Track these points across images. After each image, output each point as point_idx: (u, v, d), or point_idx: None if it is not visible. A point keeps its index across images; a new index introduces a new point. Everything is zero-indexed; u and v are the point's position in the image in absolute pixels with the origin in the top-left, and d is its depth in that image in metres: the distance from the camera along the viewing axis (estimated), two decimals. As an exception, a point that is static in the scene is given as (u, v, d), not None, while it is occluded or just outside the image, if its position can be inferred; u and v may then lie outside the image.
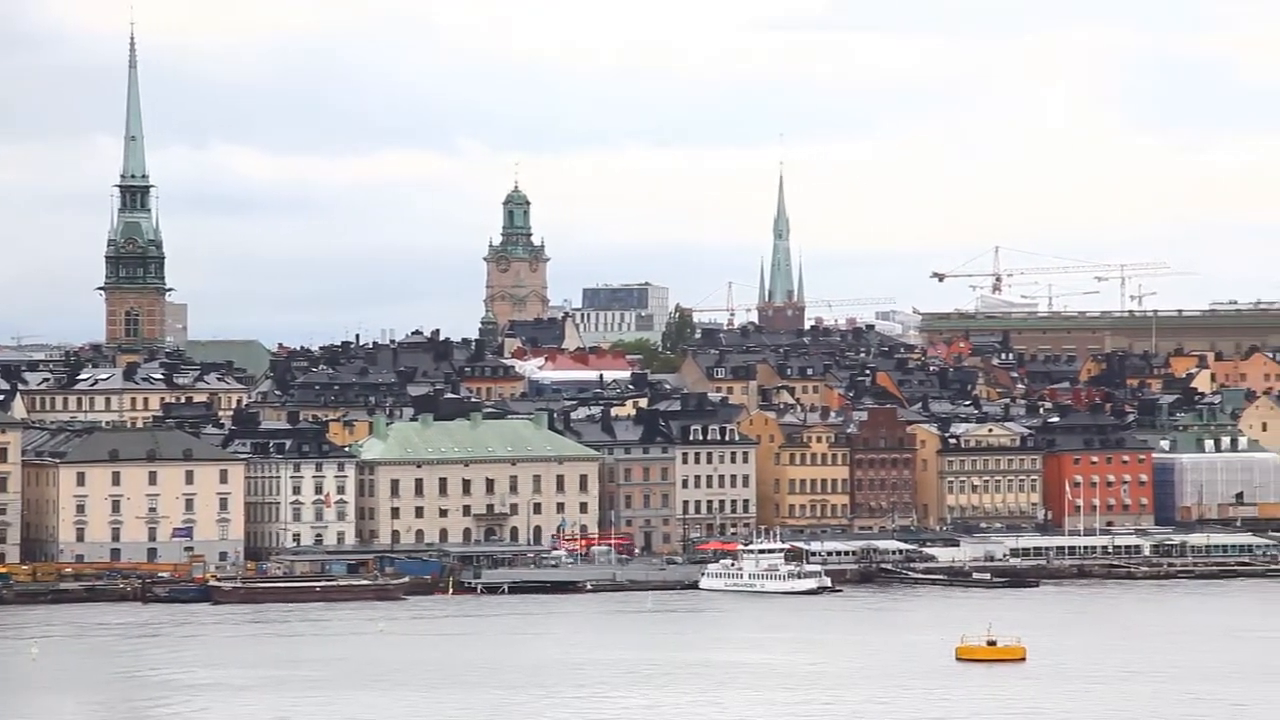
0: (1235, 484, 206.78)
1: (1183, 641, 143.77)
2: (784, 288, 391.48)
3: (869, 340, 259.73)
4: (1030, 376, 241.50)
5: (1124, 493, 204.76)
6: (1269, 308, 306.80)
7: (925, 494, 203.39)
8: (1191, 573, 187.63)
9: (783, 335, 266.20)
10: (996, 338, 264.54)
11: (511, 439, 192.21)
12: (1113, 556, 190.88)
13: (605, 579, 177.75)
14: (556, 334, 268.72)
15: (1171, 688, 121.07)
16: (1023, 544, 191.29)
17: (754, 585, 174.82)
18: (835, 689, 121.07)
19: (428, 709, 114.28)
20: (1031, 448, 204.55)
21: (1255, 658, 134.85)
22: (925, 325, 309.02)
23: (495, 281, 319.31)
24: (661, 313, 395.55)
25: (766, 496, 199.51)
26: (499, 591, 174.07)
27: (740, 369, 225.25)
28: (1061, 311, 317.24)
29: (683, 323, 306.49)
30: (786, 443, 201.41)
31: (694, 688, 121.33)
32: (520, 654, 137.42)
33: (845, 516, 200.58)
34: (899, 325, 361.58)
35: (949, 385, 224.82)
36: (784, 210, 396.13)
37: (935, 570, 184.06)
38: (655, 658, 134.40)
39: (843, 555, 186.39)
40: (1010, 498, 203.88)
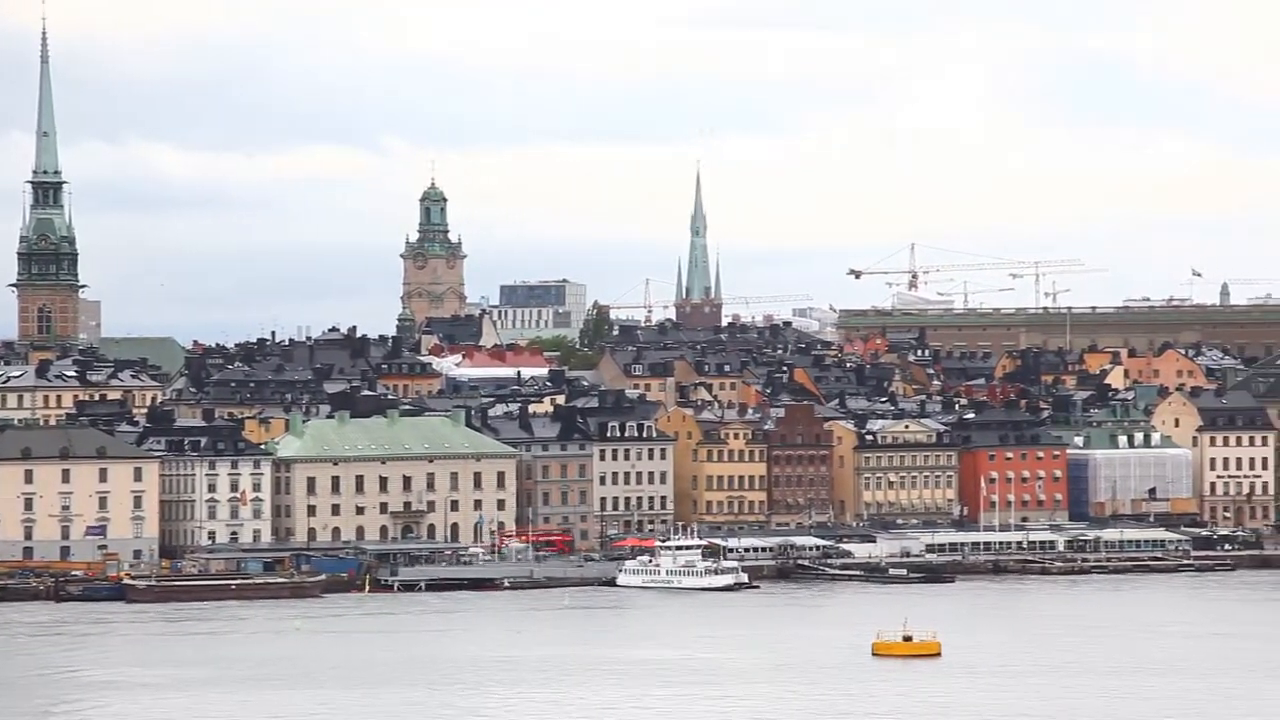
0: (1148, 479, 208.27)
1: (1096, 636, 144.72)
2: (701, 285, 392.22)
3: (786, 337, 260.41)
4: (946, 373, 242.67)
5: (1039, 489, 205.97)
6: (1181, 304, 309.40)
7: (842, 490, 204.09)
8: (1105, 568, 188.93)
9: (700, 332, 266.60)
10: (913, 335, 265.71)
11: (428, 436, 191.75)
12: (1027, 552, 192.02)
13: (522, 576, 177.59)
14: (474, 331, 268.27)
15: (1084, 682, 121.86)
16: (939, 540, 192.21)
17: (671, 582, 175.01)
18: (751, 685, 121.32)
19: (345, 707, 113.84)
20: (947, 444, 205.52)
21: (1167, 652, 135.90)
22: (842, 322, 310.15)
23: (412, 278, 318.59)
24: (579, 310, 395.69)
25: (684, 493, 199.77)
26: (416, 589, 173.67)
27: (658, 366, 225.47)
28: (977, 308, 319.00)
29: (600, 320, 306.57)
30: (704, 440, 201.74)
31: (611, 684, 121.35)
32: (437, 651, 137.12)
33: (762, 513, 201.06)
34: (816, 322, 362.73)
35: (866, 382, 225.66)
36: (701, 208, 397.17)
37: (852, 566, 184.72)
38: (572, 654, 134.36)
39: (760, 552, 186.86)
40: (926, 494, 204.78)
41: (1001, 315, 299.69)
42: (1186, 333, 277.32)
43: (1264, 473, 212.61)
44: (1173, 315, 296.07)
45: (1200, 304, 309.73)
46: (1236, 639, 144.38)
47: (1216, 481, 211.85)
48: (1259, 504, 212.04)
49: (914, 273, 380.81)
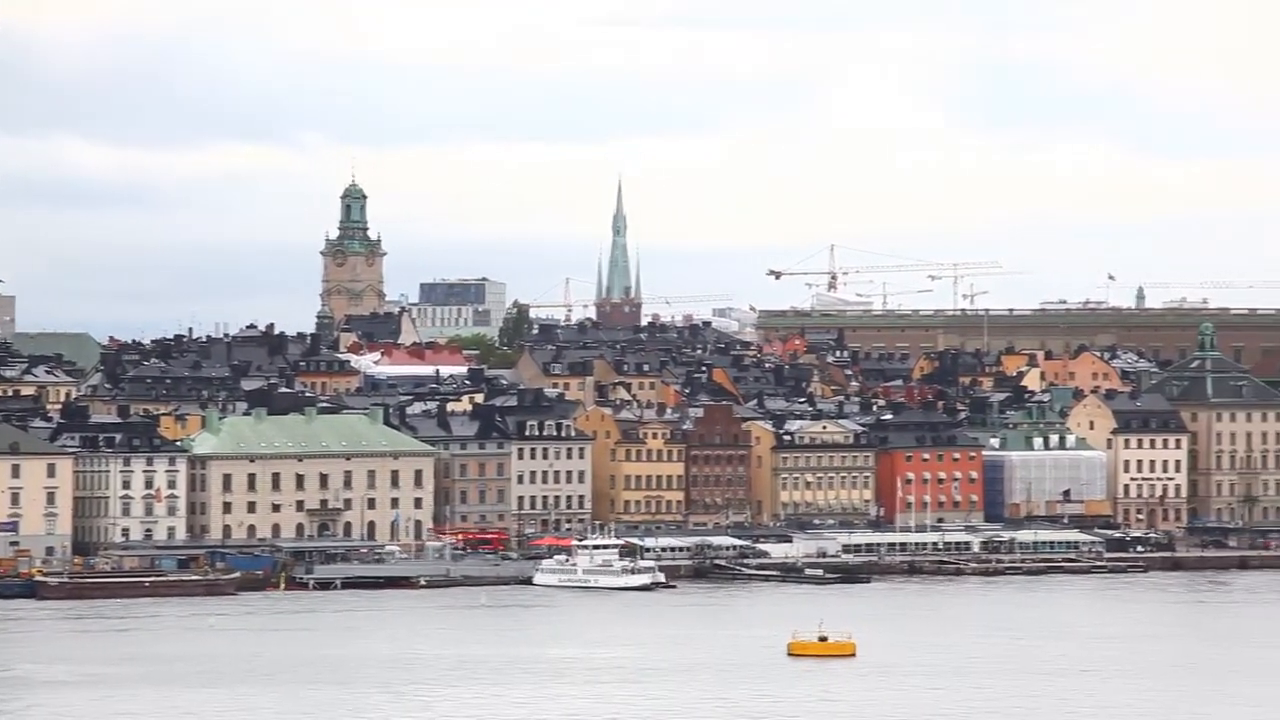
0: (1063, 481, 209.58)
1: (1009, 637, 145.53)
2: (621, 284, 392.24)
3: (705, 337, 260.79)
4: (864, 374, 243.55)
5: (955, 490, 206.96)
6: (1097, 307, 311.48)
7: (759, 490, 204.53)
8: (1019, 569, 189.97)
9: (620, 332, 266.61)
10: (832, 335, 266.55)
11: (346, 434, 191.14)
12: (943, 553, 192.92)
13: (439, 575, 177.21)
14: (393, 329, 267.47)
15: (998, 683, 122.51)
16: (855, 540, 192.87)
17: (588, 581, 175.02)
18: (667, 684, 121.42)
19: (258, 705, 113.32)
20: (865, 445, 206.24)
21: (1079, 653, 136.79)
22: (761, 323, 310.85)
23: (331, 275, 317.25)
24: (499, 308, 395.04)
25: (602, 492, 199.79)
26: (332, 587, 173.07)
27: (577, 365, 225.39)
28: (895, 310, 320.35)
29: (520, 318, 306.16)
30: (622, 439, 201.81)
31: (527, 683, 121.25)
32: (352, 650, 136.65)
33: (680, 513, 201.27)
34: (735, 322, 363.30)
35: (784, 382, 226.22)
36: (622, 207, 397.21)
37: (768, 566, 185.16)
38: (488, 653, 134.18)
39: (677, 551, 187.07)
40: (843, 494, 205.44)
41: (920, 317, 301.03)
42: (1102, 336, 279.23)
43: (1176, 475, 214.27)
44: (1088, 318, 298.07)
45: (1116, 307, 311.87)
46: (1147, 640, 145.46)
47: (1130, 484, 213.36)
48: (1171, 506, 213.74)
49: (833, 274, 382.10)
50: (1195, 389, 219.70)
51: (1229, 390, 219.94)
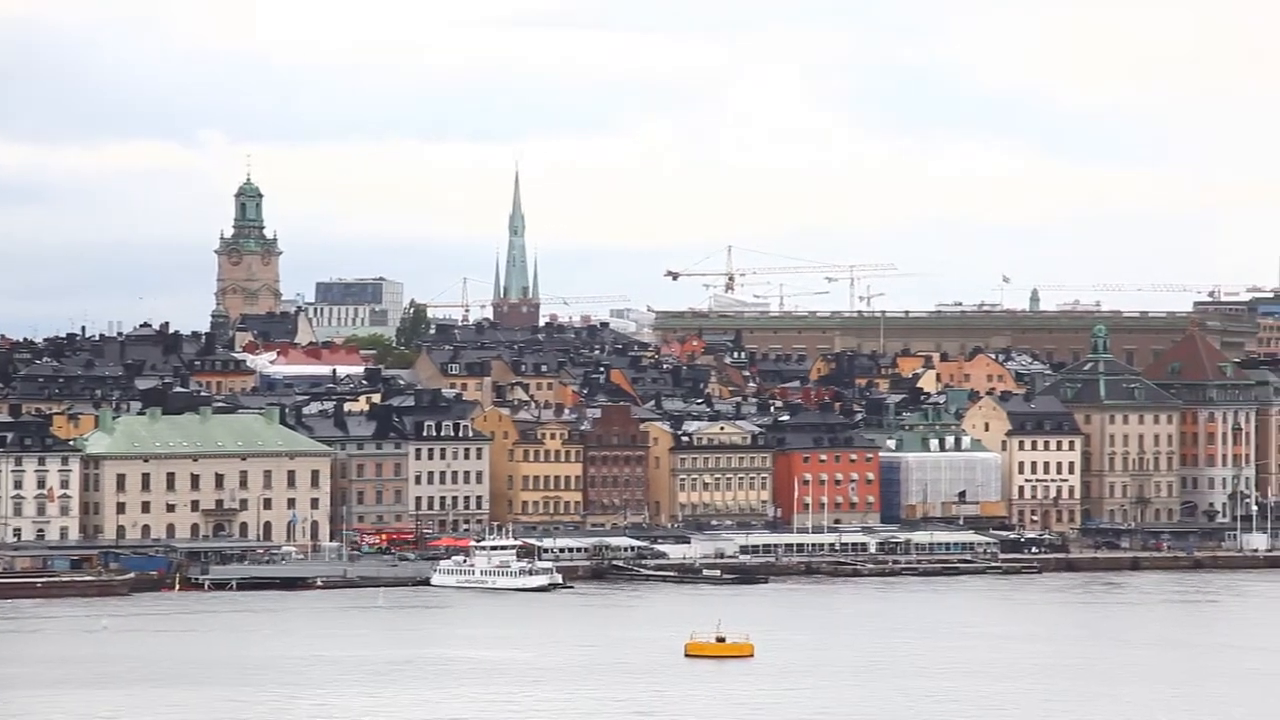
0: (958, 482, 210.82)
1: (905, 638, 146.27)
2: (519, 284, 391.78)
3: (603, 338, 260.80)
4: (762, 375, 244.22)
5: (852, 491, 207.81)
6: (992, 310, 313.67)
7: (657, 491, 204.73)
8: (916, 570, 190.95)
9: (518, 332, 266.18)
10: (729, 336, 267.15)
11: (242, 434, 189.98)
12: (840, 554, 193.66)
13: (335, 575, 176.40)
14: (289, 328, 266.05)
15: (893, 683, 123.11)
16: (752, 541, 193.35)
17: (486, 582, 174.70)
18: (565, 685, 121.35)
19: (151, 707, 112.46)
20: (762, 446, 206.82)
21: (973, 654, 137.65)
22: (659, 323, 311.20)
23: (227, 274, 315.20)
24: (396, 308, 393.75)
25: (500, 493, 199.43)
26: (227, 588, 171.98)
27: (475, 365, 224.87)
28: (792, 311, 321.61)
29: (417, 318, 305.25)
30: (520, 439, 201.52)
31: (424, 684, 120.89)
32: (247, 651, 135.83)
33: (578, 513, 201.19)
34: (633, 323, 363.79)
35: (682, 383, 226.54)
36: (520, 207, 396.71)
37: (666, 567, 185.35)
38: (386, 655, 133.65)
39: (575, 552, 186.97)
40: (741, 495, 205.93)
41: (816, 318, 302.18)
42: (997, 338, 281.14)
43: (1070, 477, 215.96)
44: (983, 320, 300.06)
45: (1010, 309, 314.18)
46: (1040, 641, 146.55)
47: (1025, 485, 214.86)
48: (1065, 507, 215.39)
49: (730, 275, 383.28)
50: (1088, 391, 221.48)
51: (1122, 392, 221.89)
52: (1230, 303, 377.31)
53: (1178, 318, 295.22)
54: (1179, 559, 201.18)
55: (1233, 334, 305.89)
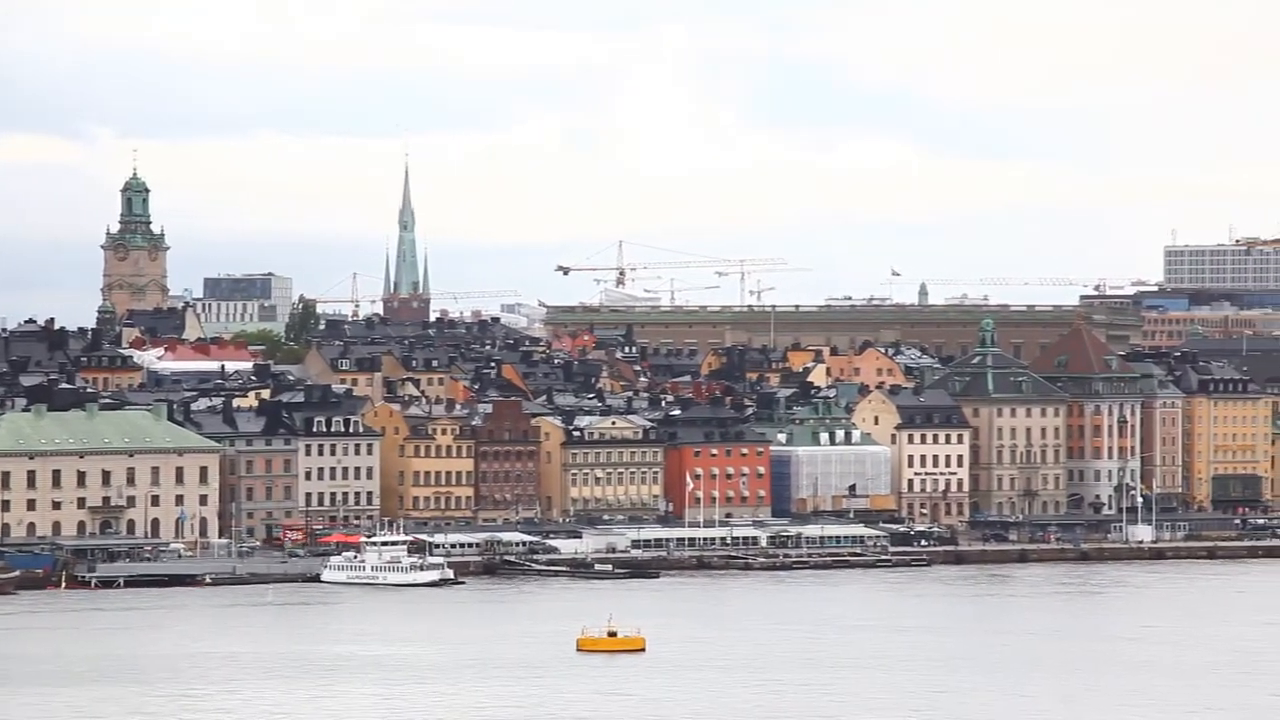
0: (848, 476, 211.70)
1: (797, 631, 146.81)
2: (409, 280, 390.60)
3: (494, 333, 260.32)
4: (653, 370, 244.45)
5: (743, 485, 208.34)
6: (881, 304, 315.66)
7: (549, 486, 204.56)
8: (806, 563, 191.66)
9: (408, 327, 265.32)
10: (620, 331, 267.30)
11: (129, 430, 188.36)
12: (731, 548, 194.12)
13: (225, 572, 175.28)
14: (176, 324, 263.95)
15: (785, 677, 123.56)
16: (644, 536, 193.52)
17: (376, 578, 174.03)
18: (457, 680, 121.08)
19: (42, 706, 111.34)
20: (653, 440, 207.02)
21: (864, 647, 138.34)
22: (550, 318, 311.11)
23: (113, 270, 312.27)
24: (285, 303, 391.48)
25: (390, 489, 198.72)
26: (115, 585, 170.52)
27: (365, 361, 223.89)
28: (683, 306, 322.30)
29: (306, 314, 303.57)
30: (411, 435, 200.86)
31: (314, 681, 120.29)
32: (134, 649, 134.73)
33: (469, 509, 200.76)
34: (524, 318, 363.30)
35: (573, 378, 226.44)
36: (410, 202, 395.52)
37: (558, 562, 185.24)
38: (275, 651, 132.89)
39: (466, 547, 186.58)
40: (632, 490, 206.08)
41: (707, 313, 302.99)
42: (886, 332, 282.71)
43: (959, 470, 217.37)
44: (873, 314, 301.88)
45: (899, 303, 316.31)
46: (930, 633, 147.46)
47: (914, 478, 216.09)
48: (954, 500, 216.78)
49: (622, 270, 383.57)
50: (976, 385, 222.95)
51: (1009, 386, 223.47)
52: (1115, 297, 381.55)
53: (1064, 311, 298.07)
54: (1066, 551, 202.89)
55: (1118, 327, 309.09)
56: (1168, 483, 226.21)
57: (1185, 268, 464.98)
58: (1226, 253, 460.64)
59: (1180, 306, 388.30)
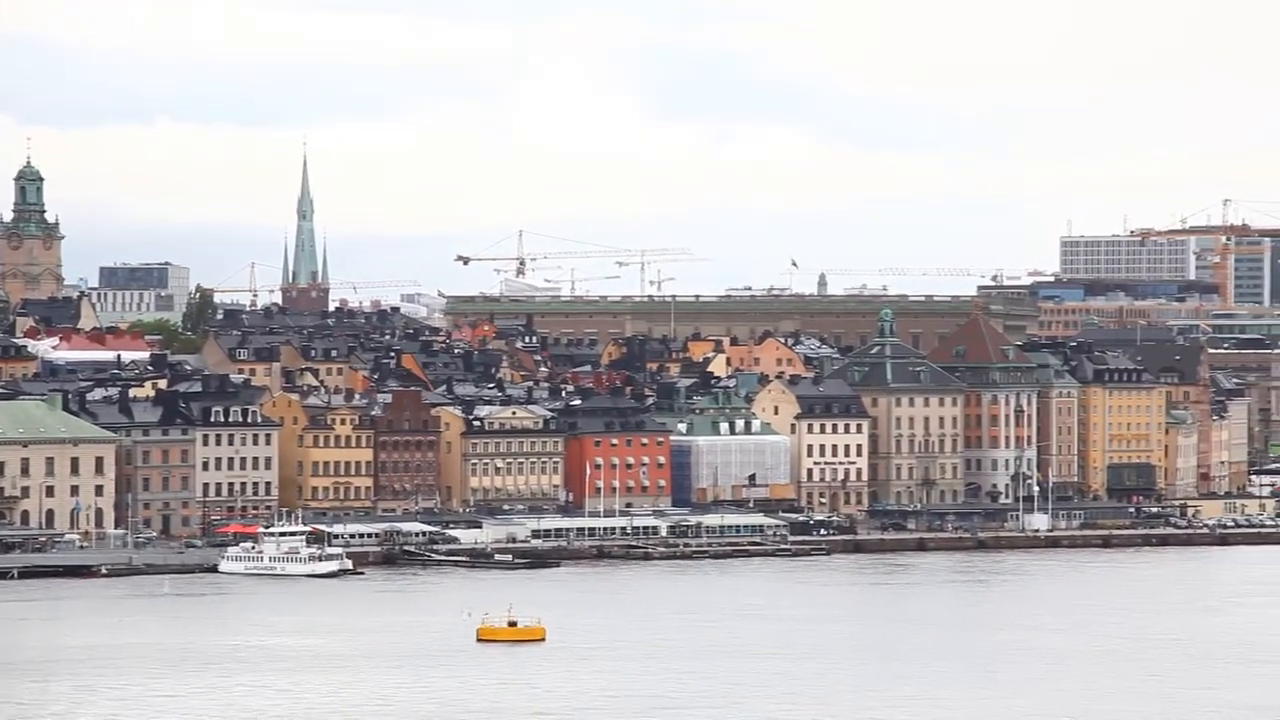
0: (748, 465, 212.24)
1: (697, 620, 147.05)
2: (308, 269, 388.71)
3: (394, 323, 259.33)
4: (553, 359, 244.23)
5: (643, 474, 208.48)
6: (781, 294, 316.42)
7: (449, 476, 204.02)
8: (706, 553, 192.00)
9: (307, 317, 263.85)
10: (521, 321, 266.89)
11: (23, 420, 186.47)
12: (631, 537, 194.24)
13: (121, 563, 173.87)
14: (72, 313, 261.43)
15: (686, 666, 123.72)
16: (544, 525, 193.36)
17: (275, 568, 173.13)
18: (356, 671, 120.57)
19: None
20: (554, 430, 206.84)
21: (763, 635, 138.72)
22: (450, 308, 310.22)
23: (7, 259, 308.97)
24: (182, 293, 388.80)
25: (289, 479, 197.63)
26: (8, 577, 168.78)
27: (263, 351, 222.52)
28: (584, 296, 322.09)
29: (204, 303, 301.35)
30: (310, 425, 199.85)
31: (211, 672, 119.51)
32: (28, 640, 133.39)
33: (369, 499, 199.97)
34: (424, 308, 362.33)
35: (474, 368, 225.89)
36: (309, 191, 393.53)
37: (458, 552, 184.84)
38: (171, 642, 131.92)
39: (365, 538, 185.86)
40: (533, 480, 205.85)
41: (608, 303, 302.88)
42: (786, 322, 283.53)
43: (858, 459, 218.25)
44: (773, 304, 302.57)
45: (799, 294, 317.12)
46: (830, 622, 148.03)
47: (813, 468, 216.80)
48: (853, 490, 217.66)
49: (522, 260, 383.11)
50: (875, 374, 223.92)
51: (908, 376, 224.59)
52: (1012, 287, 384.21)
53: (962, 302, 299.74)
54: (963, 539, 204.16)
55: (1015, 318, 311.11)
56: (1063, 472, 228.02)
57: (1081, 258, 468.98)
58: (1121, 244, 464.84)
59: (1076, 297, 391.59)
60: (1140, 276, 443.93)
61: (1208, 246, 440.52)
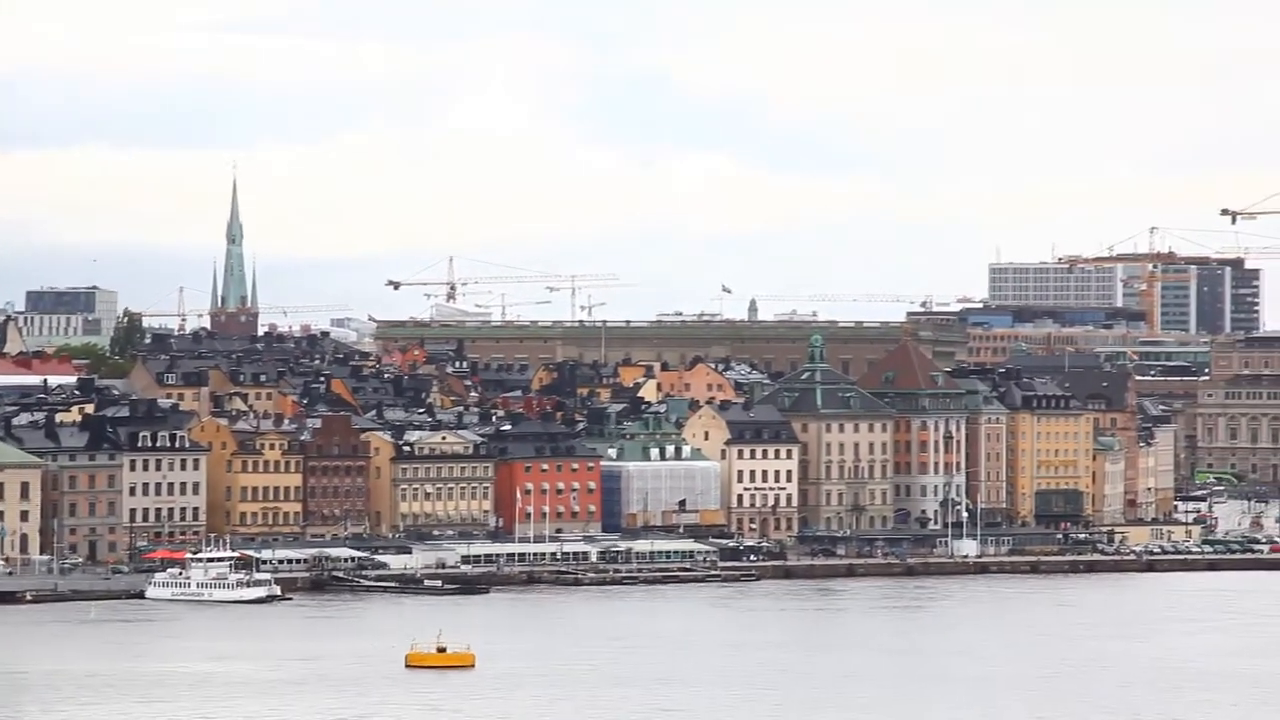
0: (678, 491, 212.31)
1: (627, 647, 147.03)
2: (238, 294, 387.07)
3: (324, 347, 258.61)
4: (483, 385, 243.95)
5: (573, 500, 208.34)
6: (712, 319, 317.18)
7: (379, 501, 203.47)
8: (636, 579, 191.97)
9: (236, 341, 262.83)
10: (451, 346, 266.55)
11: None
12: (561, 563, 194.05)
13: (46, 589, 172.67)
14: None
15: (616, 693, 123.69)
16: (474, 551, 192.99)
17: (202, 594, 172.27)
18: (284, 698, 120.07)
19: None
20: (484, 455, 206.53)
21: (692, 662, 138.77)
22: (380, 333, 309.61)
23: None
24: (110, 317, 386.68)
25: (218, 504, 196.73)
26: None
27: (192, 375, 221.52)
28: (514, 321, 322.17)
29: (132, 327, 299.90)
30: (239, 450, 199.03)
31: (137, 699, 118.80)
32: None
33: (298, 524, 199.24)
34: (354, 333, 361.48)
35: (404, 393, 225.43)
36: (238, 215, 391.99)
37: (387, 577, 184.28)
38: (97, 669, 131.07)
39: (294, 563, 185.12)
40: (463, 505, 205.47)
41: (538, 328, 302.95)
42: (716, 347, 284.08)
43: (788, 485, 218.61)
44: (703, 330, 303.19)
45: (729, 319, 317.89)
46: (759, 648, 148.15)
47: (743, 493, 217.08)
48: (783, 516, 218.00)
49: (452, 285, 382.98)
50: (805, 400, 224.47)
51: (837, 401, 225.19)
52: (942, 313, 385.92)
53: (891, 327, 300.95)
54: (893, 565, 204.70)
55: (944, 343, 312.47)
56: (992, 498, 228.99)
57: (1009, 285, 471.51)
58: (1049, 271, 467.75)
59: (1004, 323, 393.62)
60: (1068, 303, 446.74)
61: (1135, 274, 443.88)
